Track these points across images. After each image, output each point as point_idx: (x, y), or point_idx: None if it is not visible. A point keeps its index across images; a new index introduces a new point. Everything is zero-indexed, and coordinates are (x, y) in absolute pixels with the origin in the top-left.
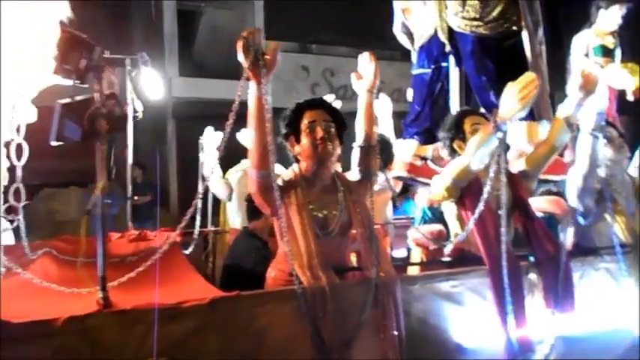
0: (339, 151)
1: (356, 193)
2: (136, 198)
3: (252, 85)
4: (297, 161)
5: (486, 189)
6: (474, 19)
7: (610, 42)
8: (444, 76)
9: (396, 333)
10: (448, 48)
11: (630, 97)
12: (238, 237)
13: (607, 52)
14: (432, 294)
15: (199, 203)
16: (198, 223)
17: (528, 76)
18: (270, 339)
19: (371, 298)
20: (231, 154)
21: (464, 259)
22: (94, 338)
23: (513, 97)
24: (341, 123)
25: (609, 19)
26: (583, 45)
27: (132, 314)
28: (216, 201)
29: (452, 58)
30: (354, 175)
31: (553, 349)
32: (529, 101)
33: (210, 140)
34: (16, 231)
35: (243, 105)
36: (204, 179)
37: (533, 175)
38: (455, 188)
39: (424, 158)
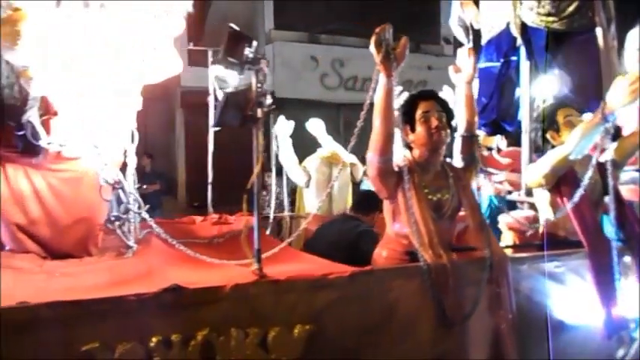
0: (449, 139)
1: (464, 179)
2: (144, 187)
3: (382, 77)
4: (410, 149)
5: (587, 176)
6: (549, 14)
7: None
8: (513, 69)
9: (509, 311)
10: (519, 42)
11: None
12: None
13: None
14: (537, 273)
15: (274, 189)
16: (272, 208)
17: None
18: (400, 310)
19: (486, 276)
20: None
21: (556, 243)
22: (252, 304)
23: (624, 89)
24: (450, 113)
25: None
26: (637, 39)
27: (285, 284)
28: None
29: (523, 52)
30: (457, 162)
31: None
32: (638, 95)
33: (284, 129)
34: None
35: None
36: (280, 167)
37: (622, 164)
38: (553, 176)
39: (490, 149)
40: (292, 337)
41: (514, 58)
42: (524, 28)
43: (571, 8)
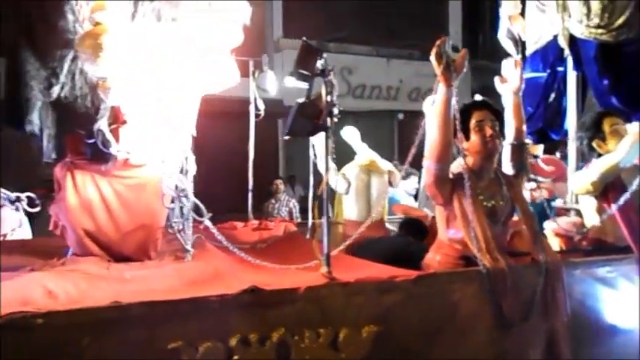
0: (501, 147)
1: (516, 186)
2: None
3: (442, 87)
4: (464, 156)
5: (636, 183)
6: (599, 26)
7: None
8: (559, 79)
9: (564, 314)
10: (567, 53)
11: None
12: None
13: None
14: (590, 278)
15: (311, 195)
16: (310, 214)
17: None
18: (461, 312)
19: (542, 280)
20: None
21: (602, 248)
22: (323, 305)
23: None
24: (502, 121)
25: None
26: None
27: (354, 286)
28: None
29: (570, 63)
30: (507, 169)
31: None
32: None
33: (320, 138)
34: None
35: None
36: (318, 175)
37: None
38: (601, 183)
39: (536, 156)
40: (361, 338)
41: (560, 68)
42: (572, 39)
43: (620, 21)
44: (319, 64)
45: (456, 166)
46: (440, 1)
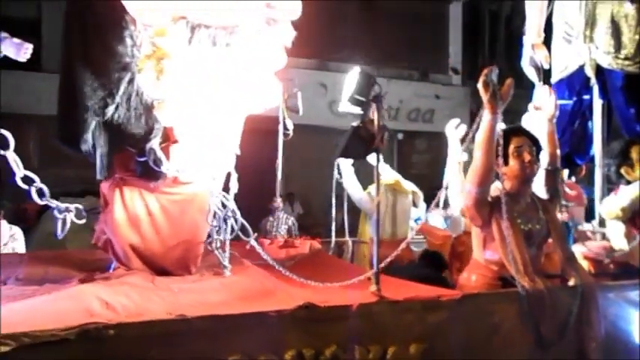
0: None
1: (552, 210)
2: None
3: (487, 114)
4: (502, 180)
5: None
6: (627, 58)
7: None
8: (585, 107)
9: (598, 334)
10: (593, 82)
11: None
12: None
13: None
14: (623, 301)
15: (334, 214)
16: (334, 232)
17: None
18: (501, 331)
19: (578, 302)
20: None
21: (629, 272)
22: (373, 323)
23: None
24: (538, 147)
25: None
26: None
27: (403, 304)
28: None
29: (596, 91)
30: (541, 194)
31: None
32: None
33: (345, 160)
34: None
35: None
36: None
37: None
38: (630, 209)
39: (562, 181)
40: (409, 355)
41: (586, 96)
42: (598, 69)
43: None
44: (374, 90)
45: (494, 190)
46: (440, 23)
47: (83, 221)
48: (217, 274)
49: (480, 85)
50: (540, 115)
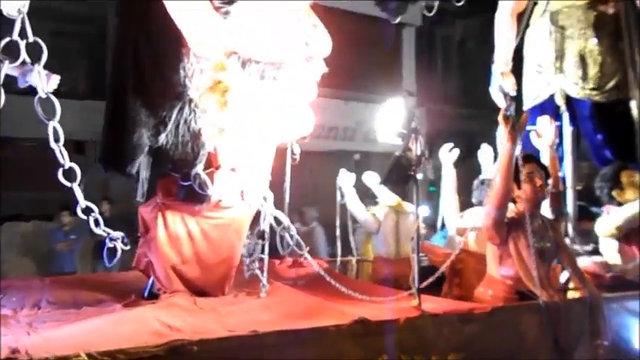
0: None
1: (558, 229)
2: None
3: (507, 143)
4: (515, 202)
5: None
6: (593, 88)
7: None
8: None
9: (605, 342)
10: (563, 110)
11: None
12: None
13: None
14: (625, 311)
15: (338, 233)
16: (339, 251)
17: None
18: (526, 340)
19: (587, 312)
20: None
21: (624, 285)
22: (417, 334)
23: None
24: (547, 173)
25: None
26: None
27: (442, 317)
28: None
29: (566, 119)
30: (547, 215)
31: None
32: None
33: (346, 180)
34: None
35: None
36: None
37: None
38: (624, 228)
39: None
40: None
41: (557, 123)
42: (568, 98)
43: (611, 84)
44: (413, 123)
45: (509, 212)
46: (395, 48)
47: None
48: (250, 294)
49: (500, 118)
50: (542, 142)
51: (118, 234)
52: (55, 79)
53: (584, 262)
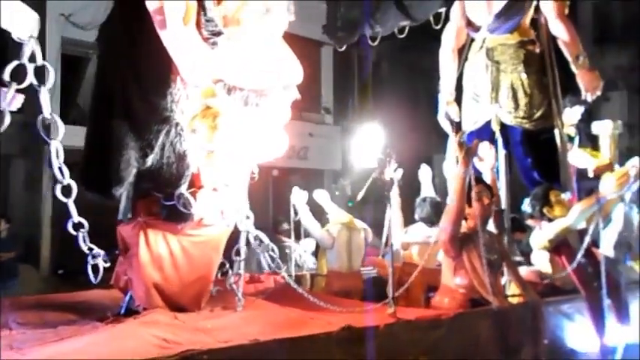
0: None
1: (501, 242)
2: None
3: (460, 167)
4: (466, 219)
5: (586, 241)
6: (524, 117)
7: (572, 131)
8: None
9: (545, 340)
10: (497, 135)
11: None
12: None
13: (570, 139)
14: (558, 313)
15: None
16: (293, 267)
17: (625, 167)
18: (481, 342)
19: (530, 315)
20: None
21: (555, 290)
22: (394, 339)
23: (613, 182)
24: (492, 192)
25: (572, 115)
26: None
27: (415, 323)
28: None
29: (500, 143)
30: (490, 229)
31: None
32: (624, 186)
33: (299, 198)
34: None
35: None
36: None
37: None
38: (555, 241)
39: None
40: None
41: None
42: (502, 125)
43: (539, 114)
44: (387, 149)
45: (462, 227)
46: (313, 66)
47: None
48: (226, 308)
49: (455, 145)
50: (483, 166)
51: (100, 251)
52: (20, 99)
53: (522, 272)
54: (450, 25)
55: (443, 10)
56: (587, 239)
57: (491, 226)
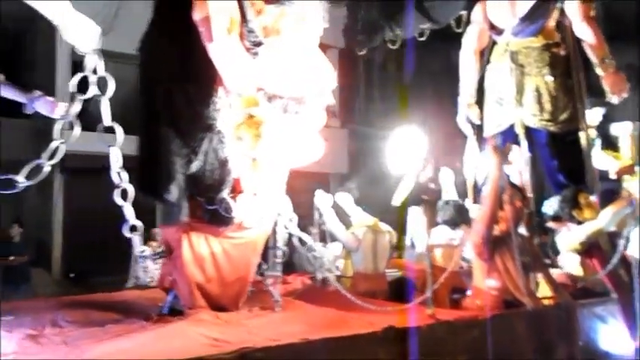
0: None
1: (533, 244)
2: (11, 258)
3: (496, 171)
4: (497, 222)
5: (621, 244)
6: (549, 120)
7: (593, 133)
8: None
9: (579, 342)
10: (522, 138)
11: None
12: None
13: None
14: (591, 315)
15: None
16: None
17: None
18: (517, 341)
19: (564, 316)
20: None
21: (587, 293)
22: (435, 339)
23: None
24: (523, 195)
25: (593, 117)
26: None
27: (454, 324)
28: None
29: (524, 146)
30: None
31: None
32: None
33: (324, 201)
34: None
35: None
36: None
37: None
38: (587, 243)
39: None
40: None
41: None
42: (526, 128)
43: (564, 116)
44: (426, 152)
45: (495, 230)
46: None
47: None
48: (264, 308)
49: (491, 150)
50: (511, 169)
51: (147, 249)
52: (62, 107)
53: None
54: (472, 28)
55: (464, 12)
56: (622, 242)
57: (522, 229)
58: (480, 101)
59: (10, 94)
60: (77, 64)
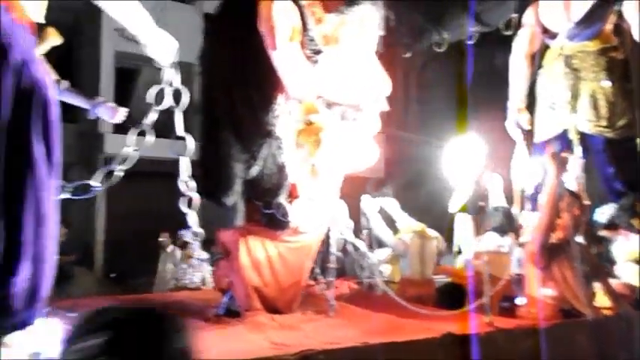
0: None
1: (590, 253)
2: (58, 257)
3: (554, 179)
4: (554, 230)
5: None
6: (606, 126)
7: None
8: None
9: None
10: (576, 143)
11: None
12: None
13: None
14: None
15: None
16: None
17: None
18: (577, 351)
19: (625, 327)
20: None
21: None
22: (494, 346)
23: None
24: (581, 203)
25: None
26: None
27: (512, 332)
28: None
29: (578, 152)
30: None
31: None
32: None
33: (371, 206)
34: None
35: None
36: (372, 239)
37: None
38: None
39: None
40: None
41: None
42: (580, 134)
43: (621, 122)
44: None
45: (552, 239)
46: None
47: None
48: (318, 312)
49: (549, 157)
50: (567, 176)
51: (206, 255)
52: (122, 113)
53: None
54: (523, 31)
55: (515, 15)
56: None
57: (579, 237)
58: (529, 106)
59: (75, 100)
60: (120, 70)
